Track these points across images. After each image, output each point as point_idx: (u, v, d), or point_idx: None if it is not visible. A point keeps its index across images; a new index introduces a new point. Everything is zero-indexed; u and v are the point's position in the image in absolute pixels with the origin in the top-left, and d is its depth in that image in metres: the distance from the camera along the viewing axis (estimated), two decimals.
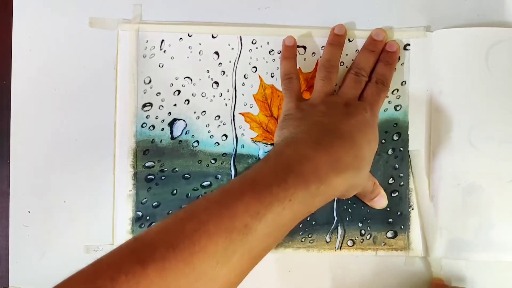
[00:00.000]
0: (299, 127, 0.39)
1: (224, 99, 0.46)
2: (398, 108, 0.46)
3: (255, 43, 0.46)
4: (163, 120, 0.45)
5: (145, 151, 0.45)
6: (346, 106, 0.41)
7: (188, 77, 0.46)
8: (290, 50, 0.45)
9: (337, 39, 0.45)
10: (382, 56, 0.45)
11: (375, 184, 0.44)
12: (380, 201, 0.45)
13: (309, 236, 0.45)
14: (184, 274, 0.28)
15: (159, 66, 0.45)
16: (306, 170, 0.33)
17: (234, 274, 0.30)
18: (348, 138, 0.37)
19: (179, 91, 0.45)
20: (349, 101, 0.41)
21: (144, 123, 0.45)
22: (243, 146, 0.46)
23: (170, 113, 0.45)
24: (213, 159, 0.45)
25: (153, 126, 0.45)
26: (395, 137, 0.45)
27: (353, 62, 0.45)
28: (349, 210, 0.45)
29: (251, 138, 0.46)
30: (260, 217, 0.30)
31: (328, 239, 0.45)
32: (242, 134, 0.46)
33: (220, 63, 0.46)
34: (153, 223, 0.45)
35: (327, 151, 0.35)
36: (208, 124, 0.46)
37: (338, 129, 0.38)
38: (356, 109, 0.40)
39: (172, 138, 0.45)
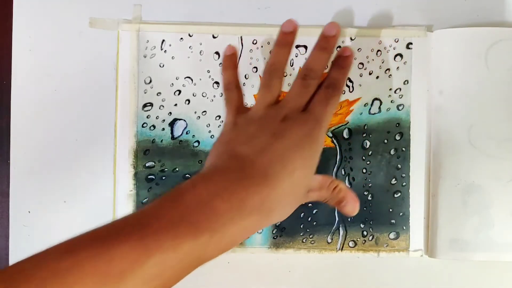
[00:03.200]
0: (220, 158, 0.35)
1: None
2: (400, 108, 0.45)
3: (256, 43, 0.46)
4: (164, 120, 0.45)
5: (146, 151, 0.45)
6: (282, 122, 0.35)
7: (189, 77, 0.45)
8: (230, 59, 0.41)
9: (285, 38, 0.38)
10: (335, 60, 0.40)
11: (336, 188, 0.38)
12: (349, 207, 0.38)
13: (310, 236, 0.45)
14: None
15: (160, 66, 0.45)
16: (200, 218, 0.30)
17: None
18: (260, 176, 0.33)
19: (180, 91, 0.45)
20: (288, 115, 0.36)
21: (144, 123, 0.45)
22: None
23: (170, 113, 0.45)
24: None
25: (154, 126, 0.45)
26: (397, 137, 0.45)
27: (303, 65, 0.38)
28: None
29: None
30: (140, 264, 0.28)
31: (329, 240, 0.45)
32: None
33: (221, 63, 0.45)
34: None
35: (232, 195, 0.31)
36: (209, 124, 0.46)
37: (253, 165, 0.33)
38: (292, 126, 0.35)
39: (173, 138, 0.45)
